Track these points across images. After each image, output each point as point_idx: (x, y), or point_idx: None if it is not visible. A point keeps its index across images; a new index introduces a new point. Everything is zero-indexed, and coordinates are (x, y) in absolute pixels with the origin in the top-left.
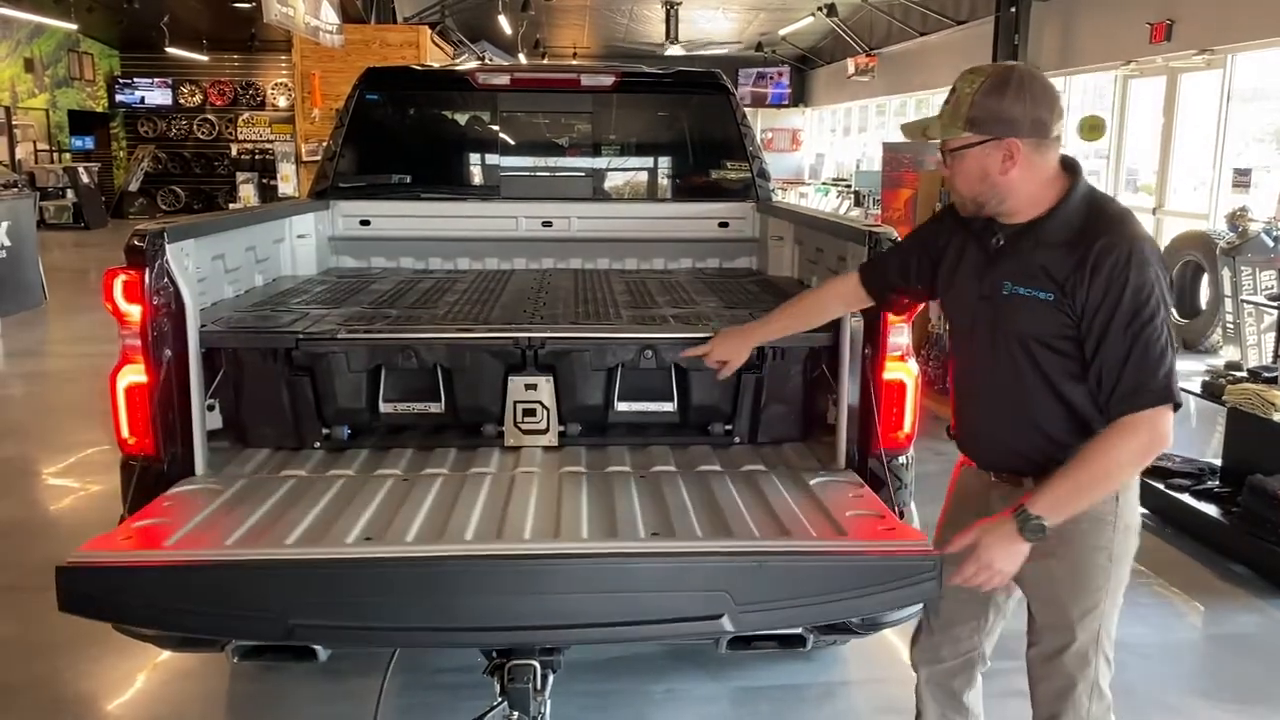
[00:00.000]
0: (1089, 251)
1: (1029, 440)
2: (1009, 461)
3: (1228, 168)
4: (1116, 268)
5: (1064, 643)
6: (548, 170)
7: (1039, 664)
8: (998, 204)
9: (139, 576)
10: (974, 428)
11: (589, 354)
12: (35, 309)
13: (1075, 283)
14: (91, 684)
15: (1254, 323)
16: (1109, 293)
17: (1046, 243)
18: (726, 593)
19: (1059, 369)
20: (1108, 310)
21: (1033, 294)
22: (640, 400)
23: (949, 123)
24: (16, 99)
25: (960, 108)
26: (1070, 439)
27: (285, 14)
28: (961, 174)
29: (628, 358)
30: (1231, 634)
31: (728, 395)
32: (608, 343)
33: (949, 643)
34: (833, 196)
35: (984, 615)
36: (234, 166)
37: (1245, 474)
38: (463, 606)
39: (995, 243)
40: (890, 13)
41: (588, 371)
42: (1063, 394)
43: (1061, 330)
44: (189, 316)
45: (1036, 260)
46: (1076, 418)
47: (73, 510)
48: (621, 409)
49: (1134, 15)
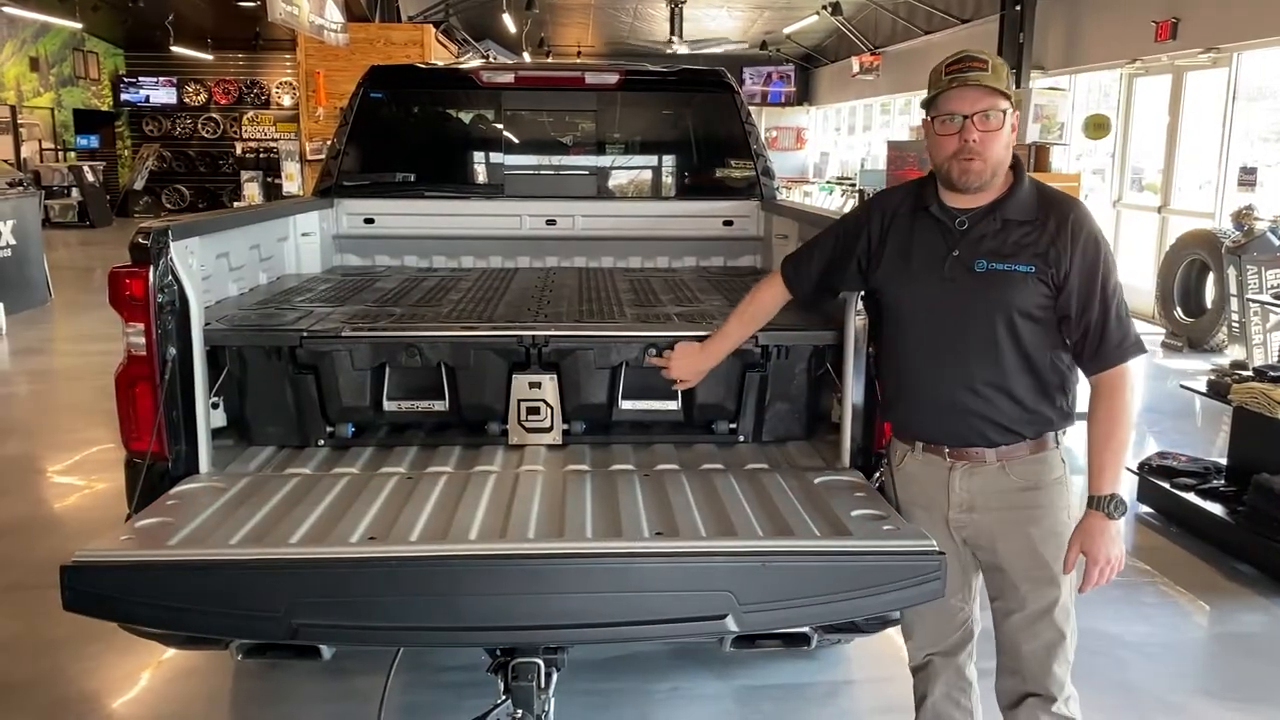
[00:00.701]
0: (1065, 223)
1: (1003, 410)
2: (979, 435)
3: (1233, 166)
4: (1090, 237)
5: (1052, 599)
6: (552, 169)
7: (1025, 626)
8: (995, 176)
9: (143, 575)
10: (931, 405)
11: (593, 352)
12: (40, 307)
13: (1059, 252)
14: (96, 681)
15: (1260, 321)
16: (1088, 259)
17: (1012, 221)
18: (730, 592)
19: (1034, 335)
20: (1088, 275)
21: (1012, 268)
22: (644, 399)
23: (996, 81)
24: (22, 98)
25: (1000, 75)
26: (1035, 402)
27: (290, 13)
28: (998, 138)
29: (631, 356)
30: (1236, 633)
31: (732, 394)
32: (611, 341)
33: (946, 618)
34: (837, 195)
35: (968, 582)
36: (239, 165)
37: (1251, 473)
38: (466, 606)
39: (959, 224)
40: (895, 11)
41: (591, 370)
42: (1034, 360)
43: (1040, 299)
44: (193, 315)
45: (1009, 238)
46: (1041, 382)
47: (78, 508)
48: (625, 407)
49: (1139, 13)
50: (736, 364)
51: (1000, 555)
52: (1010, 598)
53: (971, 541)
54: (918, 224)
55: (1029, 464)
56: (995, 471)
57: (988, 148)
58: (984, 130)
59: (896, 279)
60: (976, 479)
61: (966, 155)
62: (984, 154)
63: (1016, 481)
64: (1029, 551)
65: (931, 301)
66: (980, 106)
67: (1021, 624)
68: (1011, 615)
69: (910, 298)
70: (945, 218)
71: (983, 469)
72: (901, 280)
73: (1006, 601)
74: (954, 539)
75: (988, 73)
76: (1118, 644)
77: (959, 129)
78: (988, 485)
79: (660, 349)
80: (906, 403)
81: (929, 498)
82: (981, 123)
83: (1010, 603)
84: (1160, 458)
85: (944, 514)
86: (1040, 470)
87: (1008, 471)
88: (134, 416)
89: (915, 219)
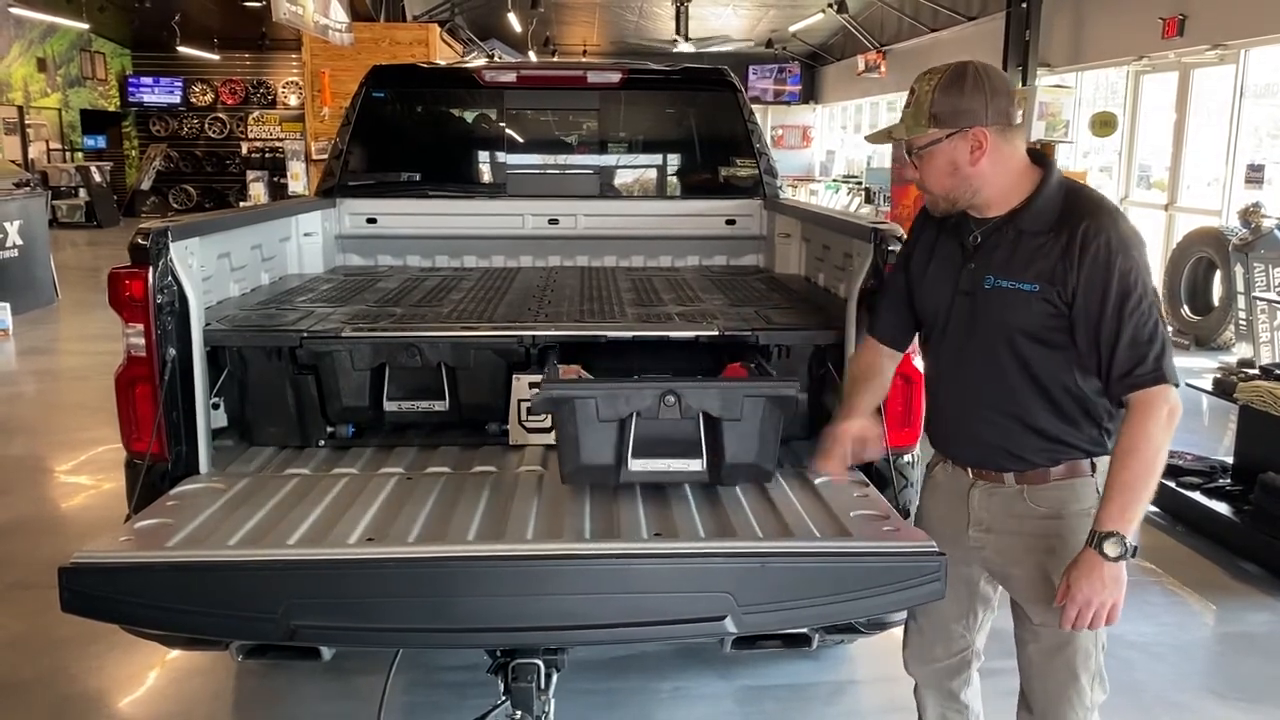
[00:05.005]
0: (1074, 237)
1: (1012, 436)
2: (990, 458)
3: (1240, 164)
4: (1102, 251)
5: (1065, 638)
6: (554, 168)
7: (1039, 661)
8: (971, 196)
9: (141, 577)
10: (951, 425)
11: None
12: (47, 306)
13: (1064, 269)
14: (99, 681)
15: (1267, 320)
16: (1098, 277)
17: (1027, 232)
18: (729, 594)
19: (1044, 361)
20: (1098, 294)
21: (1016, 286)
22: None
23: (913, 123)
24: (29, 99)
25: (922, 106)
26: (1058, 430)
27: (294, 12)
28: (932, 171)
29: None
30: (1242, 632)
31: None
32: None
33: (941, 642)
34: (843, 194)
35: (973, 611)
36: (245, 165)
37: (1257, 472)
38: (464, 607)
39: (972, 239)
40: (901, 9)
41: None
42: (1046, 387)
43: (1047, 321)
44: (193, 315)
45: (1019, 252)
46: (1060, 410)
47: (83, 508)
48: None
49: (1146, 10)
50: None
51: (1013, 582)
52: (1025, 628)
53: (987, 565)
54: (942, 235)
55: (1052, 490)
56: (1014, 495)
57: (929, 180)
58: (921, 167)
59: (921, 285)
60: (995, 500)
61: (920, 189)
62: (929, 186)
63: (1036, 508)
64: (1042, 582)
65: (946, 315)
66: (916, 144)
67: (1036, 658)
68: (1028, 646)
69: (930, 307)
70: (961, 230)
71: (1001, 490)
72: (925, 287)
73: (1023, 631)
74: (972, 560)
75: (909, 110)
76: (1123, 643)
77: (909, 162)
78: (1006, 508)
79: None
80: (934, 418)
81: (952, 513)
82: (920, 158)
83: (1025, 633)
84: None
85: (964, 531)
86: (1065, 498)
87: (1027, 497)
88: (134, 417)
89: (941, 229)
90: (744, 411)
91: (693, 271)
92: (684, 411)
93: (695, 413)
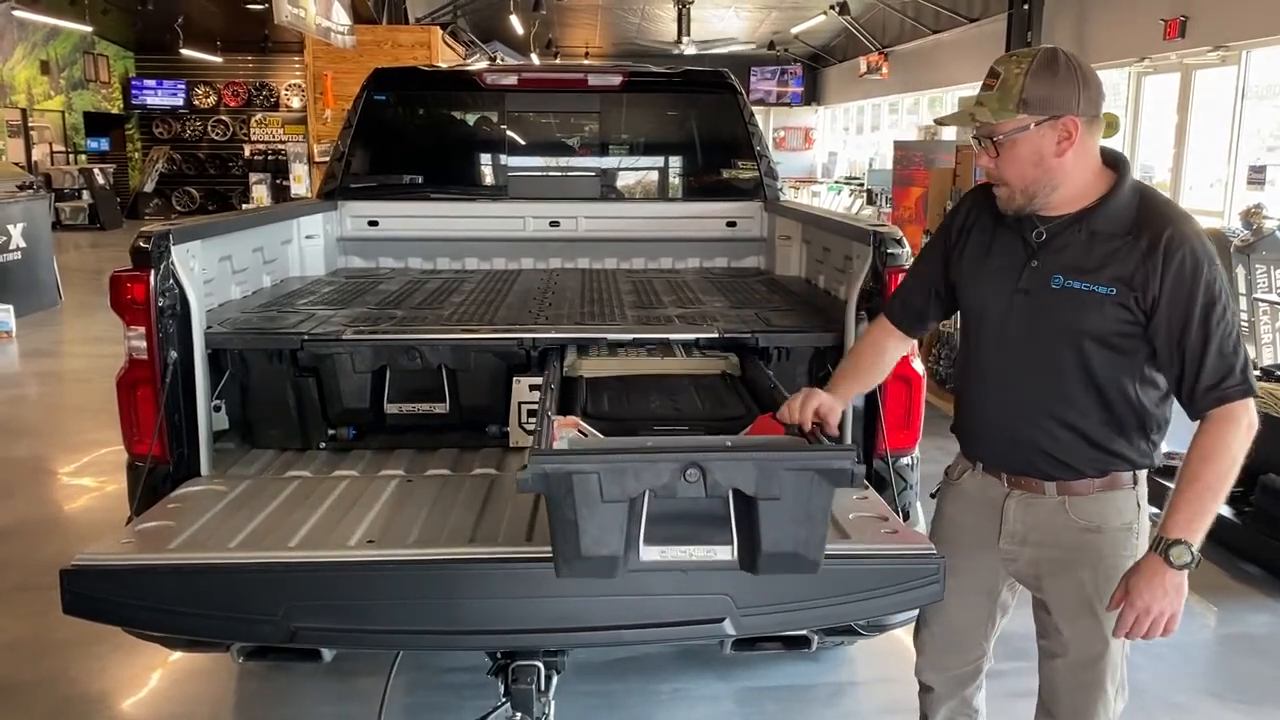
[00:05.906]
0: (1156, 243)
1: (1061, 442)
2: (1034, 464)
3: (1242, 165)
4: (1188, 260)
5: (1098, 652)
6: (555, 170)
7: (1067, 674)
8: (1049, 192)
9: (142, 580)
10: (992, 428)
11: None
12: (50, 309)
13: (1146, 274)
14: (101, 682)
15: (1269, 321)
16: (1184, 286)
17: (1101, 234)
18: (728, 596)
19: (1108, 367)
20: (1184, 303)
21: (1090, 288)
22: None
23: (999, 106)
24: (33, 101)
25: (1011, 90)
26: (1107, 440)
27: (296, 15)
28: (1014, 160)
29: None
30: (1243, 634)
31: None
32: (611, 343)
33: (957, 649)
34: (845, 195)
35: (991, 620)
36: (248, 167)
37: (1258, 474)
38: (464, 609)
39: (1036, 235)
40: (903, 10)
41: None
42: (1105, 393)
43: (1120, 326)
44: (194, 318)
45: (1093, 253)
46: (1115, 418)
47: (86, 510)
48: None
49: (1147, 11)
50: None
51: (1047, 594)
52: (1054, 640)
53: (1018, 575)
54: (1001, 227)
55: (1094, 503)
56: (1054, 506)
57: (1010, 170)
58: (1001, 155)
59: (972, 279)
60: (1033, 511)
61: (993, 179)
62: (1008, 177)
63: (1077, 521)
64: (1078, 596)
65: (1001, 313)
66: (1001, 129)
67: (1064, 670)
68: (1055, 659)
69: (980, 303)
70: (1025, 226)
71: (1040, 501)
72: (977, 281)
73: (1050, 643)
74: (998, 570)
75: (993, 93)
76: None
77: (982, 150)
78: (1044, 520)
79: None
80: (970, 421)
81: (981, 522)
82: (1001, 146)
83: (1054, 645)
84: (1166, 458)
85: (994, 542)
86: (1106, 512)
87: (1068, 509)
88: (135, 419)
89: (1000, 221)
90: (785, 489)
91: (693, 273)
92: (710, 489)
93: (724, 490)
